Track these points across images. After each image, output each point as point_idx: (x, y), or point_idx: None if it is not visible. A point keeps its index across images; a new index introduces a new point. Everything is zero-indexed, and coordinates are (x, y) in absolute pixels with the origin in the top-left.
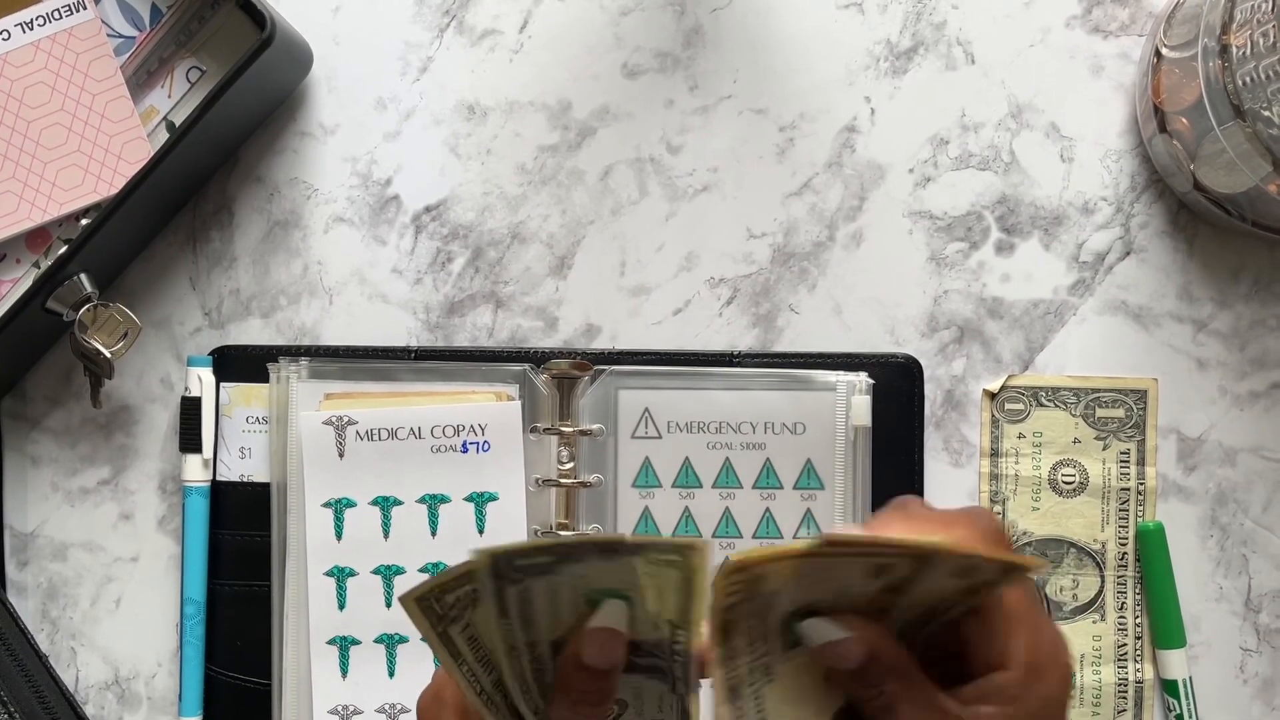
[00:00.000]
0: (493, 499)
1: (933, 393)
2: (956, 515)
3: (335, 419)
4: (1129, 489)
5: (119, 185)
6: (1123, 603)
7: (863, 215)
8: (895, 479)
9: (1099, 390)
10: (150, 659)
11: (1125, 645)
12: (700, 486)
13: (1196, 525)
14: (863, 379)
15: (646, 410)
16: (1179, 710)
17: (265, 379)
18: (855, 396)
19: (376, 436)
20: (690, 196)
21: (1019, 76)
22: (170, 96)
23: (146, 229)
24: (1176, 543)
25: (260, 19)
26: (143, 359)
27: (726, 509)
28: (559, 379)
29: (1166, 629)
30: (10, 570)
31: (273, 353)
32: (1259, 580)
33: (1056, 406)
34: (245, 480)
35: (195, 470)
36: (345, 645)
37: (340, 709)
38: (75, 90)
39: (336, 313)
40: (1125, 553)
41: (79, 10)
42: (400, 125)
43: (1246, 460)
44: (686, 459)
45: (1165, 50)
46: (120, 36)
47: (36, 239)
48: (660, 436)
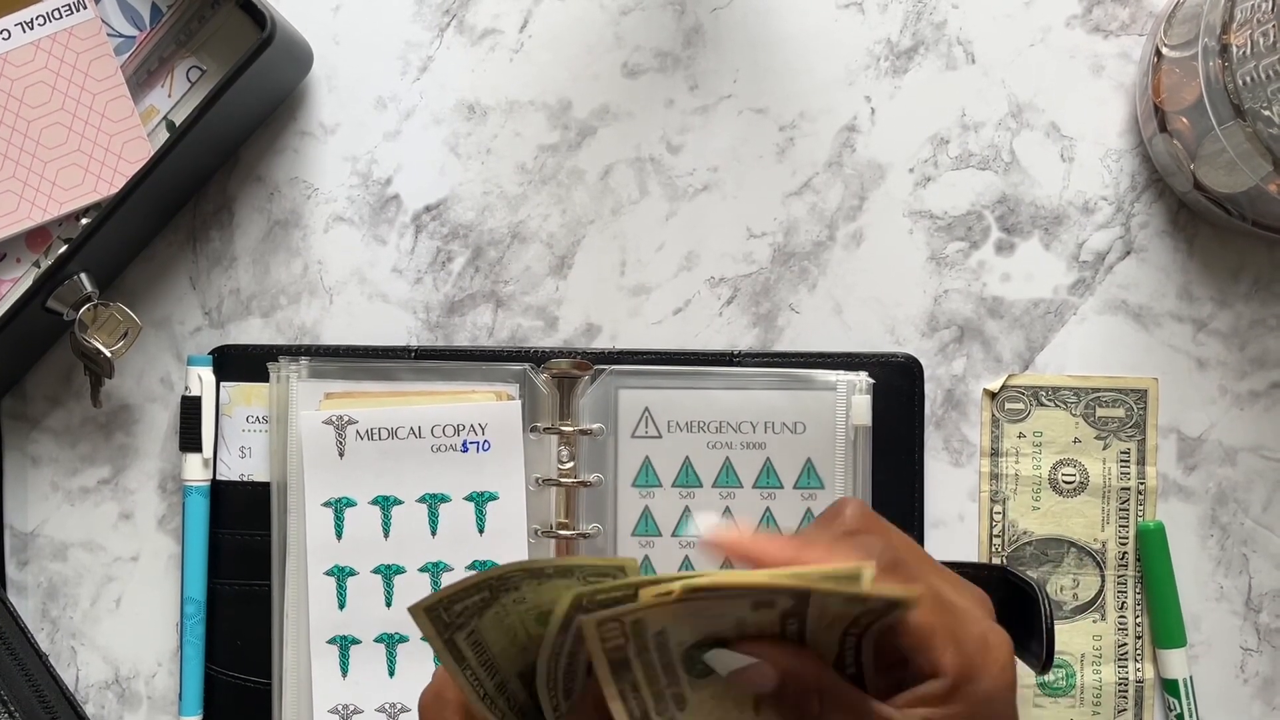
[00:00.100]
0: (493, 498)
1: (933, 392)
2: (846, 543)
3: (335, 418)
4: (1129, 488)
5: (119, 185)
6: (1123, 602)
7: (863, 215)
8: (895, 478)
9: (1099, 390)
10: (150, 658)
11: (1125, 645)
12: (700, 486)
13: (1197, 525)
14: (863, 378)
15: (647, 410)
16: (1179, 710)
17: (265, 378)
18: (855, 396)
19: (376, 436)
20: (690, 196)
21: (1019, 76)
22: (170, 96)
23: (147, 228)
24: (1177, 542)
25: (260, 18)
26: (143, 358)
27: (727, 508)
28: (559, 378)
29: (1167, 628)
30: (10, 570)
31: (273, 352)
32: (1259, 580)
33: (1057, 406)
34: (245, 479)
35: (195, 470)
36: (345, 644)
37: (340, 708)
38: (75, 90)
39: (336, 312)
40: (1125, 552)
41: (79, 10)
42: (400, 125)
43: (1247, 460)
44: (687, 458)
45: (1165, 50)
46: (120, 36)
47: (37, 238)
48: (660, 436)
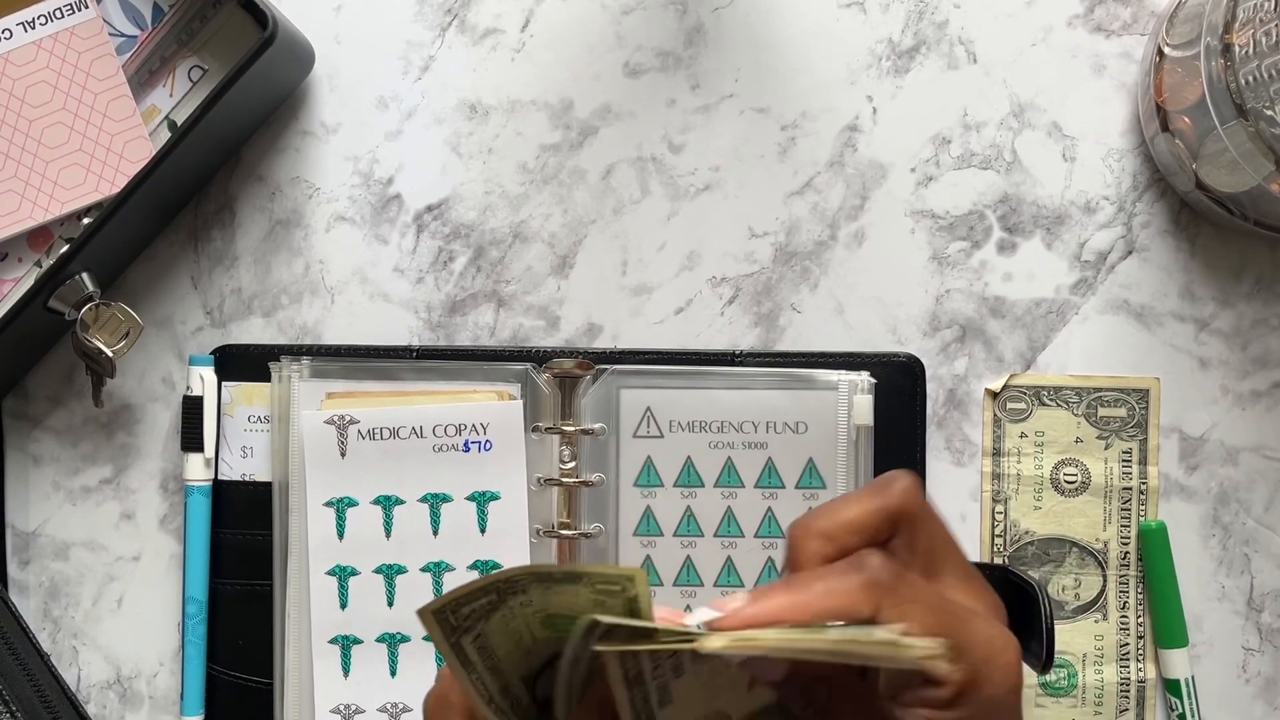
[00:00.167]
0: (495, 498)
1: (935, 392)
2: (849, 578)
3: (337, 418)
4: (1131, 488)
5: (121, 184)
6: (1125, 602)
7: (865, 214)
8: None
9: (1101, 389)
10: (152, 658)
11: (1127, 645)
12: (702, 486)
13: (1198, 524)
14: (865, 378)
15: (648, 409)
16: (1181, 710)
17: (267, 378)
18: (857, 396)
19: (378, 435)
20: (692, 196)
21: (1021, 76)
22: (172, 95)
23: (148, 228)
24: (1178, 542)
25: (262, 18)
26: (144, 358)
27: (728, 508)
28: (561, 378)
29: (1169, 628)
30: (12, 569)
31: (274, 352)
32: (1261, 579)
33: (1058, 406)
34: (247, 479)
35: (197, 469)
36: (347, 644)
37: (342, 708)
38: (77, 89)
39: (338, 312)
40: (1127, 552)
41: (81, 9)
42: (402, 124)
43: (1248, 459)
44: (688, 458)
45: (1167, 49)
46: (122, 35)
47: (38, 238)
48: (662, 436)
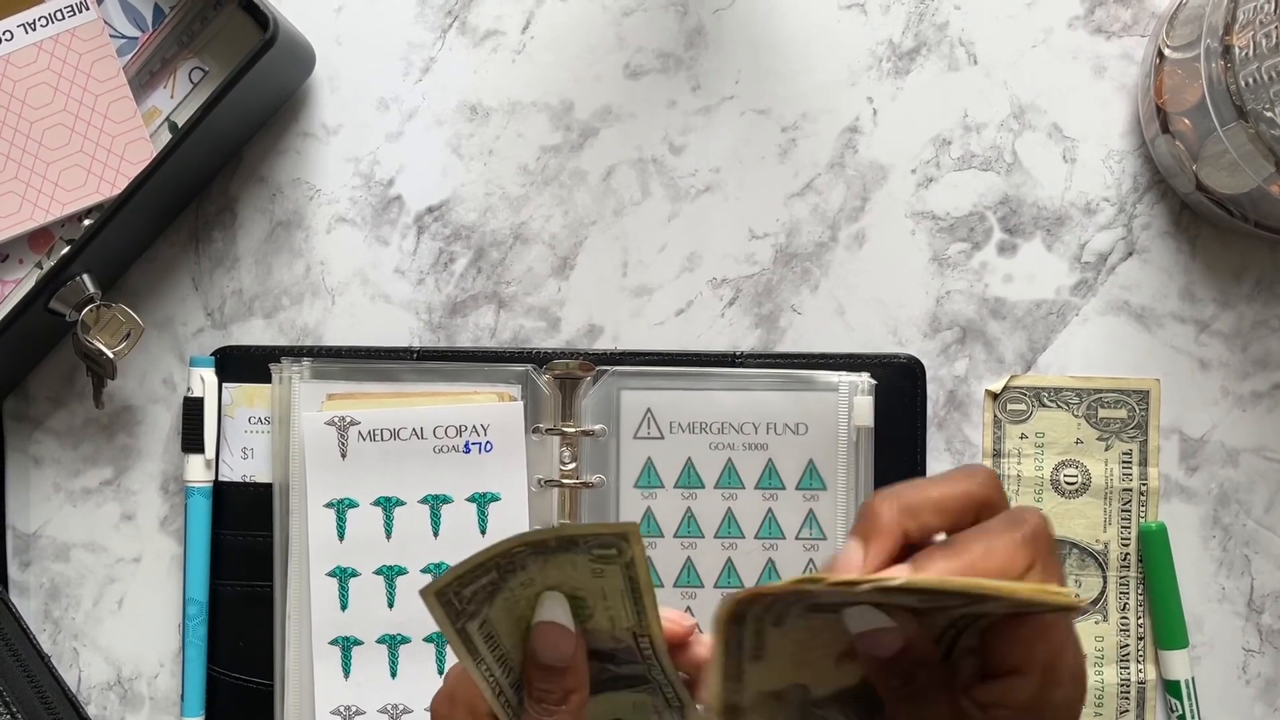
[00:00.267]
0: (495, 499)
1: (935, 393)
2: (1026, 546)
3: (337, 419)
4: (1131, 489)
5: (121, 186)
6: (1125, 603)
7: (865, 216)
8: (897, 479)
9: (1101, 391)
10: (152, 659)
11: (1128, 646)
12: (702, 487)
13: (1199, 526)
14: (865, 379)
15: (649, 411)
16: (1181, 711)
17: (268, 379)
18: (857, 397)
19: (379, 437)
20: (692, 197)
21: (1021, 77)
22: (173, 97)
23: (149, 229)
24: (1179, 543)
25: (263, 19)
26: (145, 359)
27: (729, 509)
28: (561, 379)
29: (1169, 630)
30: (13, 571)
31: (275, 353)
32: (1261, 581)
33: (1059, 407)
34: (247, 481)
35: (197, 471)
36: (347, 646)
37: (342, 709)
38: (78, 91)
39: (339, 313)
40: (1128, 553)
41: (81, 11)
42: (403, 126)
43: (1249, 461)
44: (689, 459)
45: (1168, 51)
46: (123, 37)
47: (39, 239)
48: (663, 437)
